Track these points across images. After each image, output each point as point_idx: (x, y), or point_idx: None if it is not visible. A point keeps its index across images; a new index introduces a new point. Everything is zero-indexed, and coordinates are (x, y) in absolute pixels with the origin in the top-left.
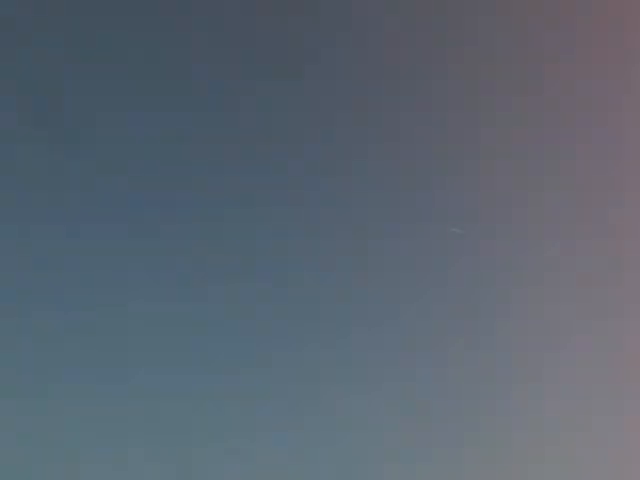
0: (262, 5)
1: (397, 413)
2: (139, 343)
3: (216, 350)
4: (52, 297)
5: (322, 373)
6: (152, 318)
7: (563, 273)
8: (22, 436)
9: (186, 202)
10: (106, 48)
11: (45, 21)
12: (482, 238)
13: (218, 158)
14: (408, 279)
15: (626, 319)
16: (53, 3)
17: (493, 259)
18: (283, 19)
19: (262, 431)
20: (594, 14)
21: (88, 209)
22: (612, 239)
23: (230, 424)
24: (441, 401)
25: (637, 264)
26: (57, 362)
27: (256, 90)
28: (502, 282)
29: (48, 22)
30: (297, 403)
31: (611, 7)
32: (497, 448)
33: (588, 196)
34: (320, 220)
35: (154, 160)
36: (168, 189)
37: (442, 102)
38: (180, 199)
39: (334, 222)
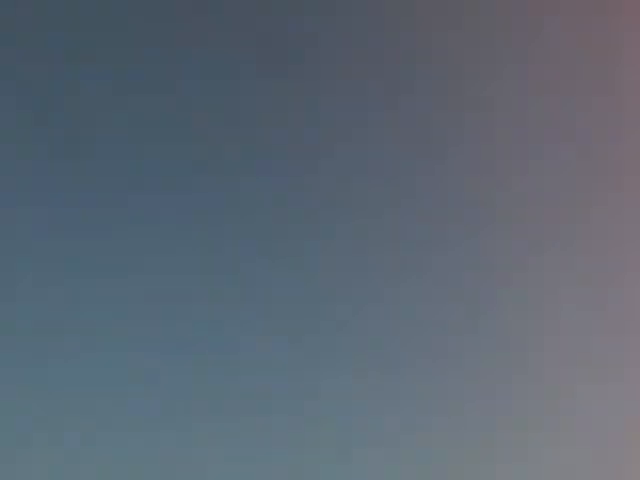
0: (262, 5)
1: (397, 413)
2: (139, 342)
3: (215, 350)
4: (51, 297)
5: (322, 373)
6: (152, 318)
7: (563, 273)
8: (21, 436)
9: (186, 202)
10: (106, 48)
11: (45, 21)
12: (482, 238)
13: (218, 158)
14: (408, 279)
15: (626, 318)
16: (53, 3)
17: (494, 259)
18: (283, 19)
19: (262, 431)
20: (594, 14)
21: (88, 209)
22: (612, 239)
23: (230, 424)
24: (441, 401)
25: (637, 264)
26: (56, 362)
27: (256, 90)
28: (502, 282)
29: (48, 22)
30: (297, 403)
31: (611, 7)
32: (497, 448)
33: (588, 196)
34: (320, 220)
35: (154, 160)
36: (168, 189)
37: (442, 102)
38: (180, 199)
39: (334, 222)
